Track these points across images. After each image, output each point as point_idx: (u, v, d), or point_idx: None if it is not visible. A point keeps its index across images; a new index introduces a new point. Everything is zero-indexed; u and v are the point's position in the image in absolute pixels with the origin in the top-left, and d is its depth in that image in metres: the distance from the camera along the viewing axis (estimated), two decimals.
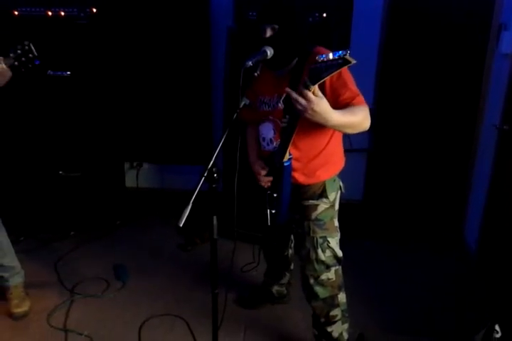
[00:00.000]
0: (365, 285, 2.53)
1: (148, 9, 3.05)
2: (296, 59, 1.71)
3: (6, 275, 2.32)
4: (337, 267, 1.86)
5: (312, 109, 1.40)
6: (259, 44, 1.66)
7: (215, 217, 1.67)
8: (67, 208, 3.06)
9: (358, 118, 1.52)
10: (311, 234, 1.81)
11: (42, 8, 2.81)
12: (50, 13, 2.82)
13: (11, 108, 2.99)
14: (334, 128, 1.55)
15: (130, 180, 3.44)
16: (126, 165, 3.45)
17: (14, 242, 2.41)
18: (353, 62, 1.34)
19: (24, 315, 2.28)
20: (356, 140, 1.99)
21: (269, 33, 1.66)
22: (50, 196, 3.05)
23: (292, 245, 2.16)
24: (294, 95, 1.42)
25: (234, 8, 2.84)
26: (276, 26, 1.65)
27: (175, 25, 3.05)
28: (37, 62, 1.97)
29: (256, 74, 1.68)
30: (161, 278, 2.59)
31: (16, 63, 1.92)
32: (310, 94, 1.40)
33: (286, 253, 2.17)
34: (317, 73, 1.39)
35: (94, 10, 2.82)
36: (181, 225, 1.55)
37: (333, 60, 1.35)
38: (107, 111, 3.04)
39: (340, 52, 1.35)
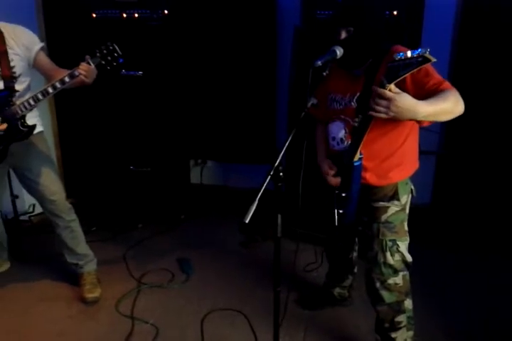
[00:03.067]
0: (433, 294, 2.43)
1: (216, 10, 3.12)
2: (371, 59, 1.68)
3: (80, 262, 2.48)
4: (405, 272, 1.81)
5: (396, 106, 1.37)
6: (332, 45, 1.65)
7: (279, 216, 1.68)
8: (137, 201, 3.20)
9: (449, 104, 1.45)
10: (380, 237, 1.77)
11: (117, 11, 2.95)
12: (124, 15, 2.96)
13: (87, 106, 3.18)
14: (427, 119, 1.49)
15: (195, 177, 3.53)
16: (191, 163, 3.54)
17: (86, 232, 2.57)
18: (433, 60, 1.30)
19: (95, 301, 2.41)
20: (424, 142, 1.94)
21: (343, 35, 1.65)
22: (121, 189, 3.22)
23: (357, 248, 2.13)
24: (376, 95, 1.40)
25: (301, 8, 2.83)
26: (352, 29, 1.63)
27: (242, 25, 3.10)
28: (121, 61, 2.05)
29: (325, 73, 1.68)
30: (224, 274, 2.64)
31: (103, 62, 2.01)
32: (388, 93, 1.37)
33: (350, 256, 2.13)
34: (394, 71, 1.37)
35: (166, 12, 2.92)
36: (247, 221, 1.56)
37: (411, 58, 1.32)
38: (176, 109, 3.15)
39: (420, 50, 1.32)
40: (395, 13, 2.53)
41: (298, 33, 2.70)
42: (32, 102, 2.13)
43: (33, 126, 2.22)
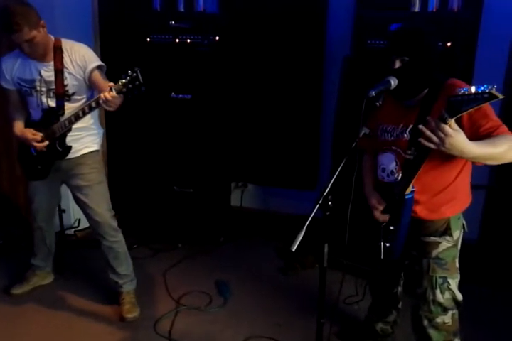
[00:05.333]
0: (480, 336, 2.31)
1: (265, 38, 3.20)
2: (427, 90, 1.67)
3: (120, 281, 2.51)
4: (454, 311, 1.75)
5: (449, 143, 1.36)
6: (385, 74, 1.66)
7: (326, 245, 1.67)
8: (178, 221, 3.24)
9: (501, 150, 1.43)
10: (430, 273, 1.72)
11: (171, 36, 3.05)
12: (177, 41, 3.06)
13: (136, 126, 3.28)
14: (473, 161, 1.48)
15: (235, 200, 3.55)
16: (232, 185, 3.57)
17: (128, 248, 2.58)
18: (500, 97, 1.28)
19: (134, 320, 2.42)
20: (474, 175, 1.89)
21: (398, 64, 1.64)
22: (163, 209, 3.27)
23: (402, 282, 2.07)
24: (431, 128, 1.39)
25: (352, 37, 2.86)
26: (407, 58, 1.63)
27: (290, 52, 3.15)
28: (143, 89, 1.98)
29: (378, 104, 1.67)
30: (262, 299, 2.62)
31: (124, 90, 1.97)
32: (447, 128, 1.36)
33: (395, 291, 2.07)
34: (457, 106, 1.35)
35: (217, 38, 3.01)
36: (293, 250, 1.56)
37: (476, 93, 1.31)
38: (221, 132, 3.21)
39: (485, 86, 1.30)
40: (449, 44, 2.51)
41: (347, 62, 2.72)
42: (67, 123, 2.21)
43: (69, 148, 2.29)
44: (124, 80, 1.95)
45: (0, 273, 2.84)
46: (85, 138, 2.36)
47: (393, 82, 1.63)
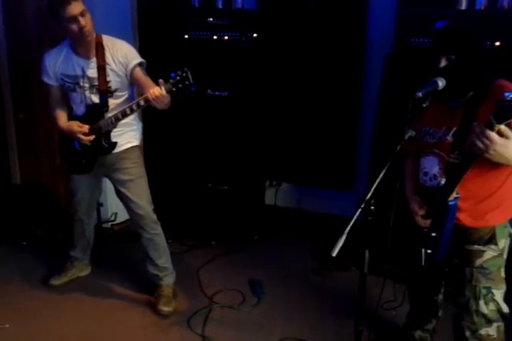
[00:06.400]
0: None
1: (304, 35, 3.17)
2: (472, 92, 1.61)
3: (160, 274, 2.54)
4: (500, 323, 1.69)
5: (494, 150, 1.31)
6: (430, 73, 1.60)
7: (367, 251, 1.64)
8: (212, 218, 3.26)
9: None
10: (473, 283, 1.67)
11: (209, 33, 3.05)
12: (215, 37, 3.06)
13: (172, 123, 3.30)
14: None
15: (269, 198, 3.55)
16: (267, 183, 3.57)
17: None
18: None
19: (169, 314, 2.45)
20: None
21: (443, 63, 1.59)
22: (198, 205, 3.29)
23: (443, 290, 2.01)
24: (476, 133, 1.34)
25: (394, 34, 2.79)
26: (453, 56, 1.57)
27: (330, 50, 3.12)
28: (193, 89, 1.98)
29: (424, 105, 1.62)
30: (295, 300, 2.60)
31: (174, 89, 1.97)
32: (493, 135, 1.30)
33: (435, 298, 2.02)
34: (505, 112, 1.29)
35: (255, 35, 2.99)
36: (334, 255, 1.53)
37: None
38: (257, 130, 3.20)
39: None
40: (497, 44, 2.41)
41: (389, 61, 2.65)
42: (114, 120, 2.23)
43: (114, 144, 2.32)
44: (176, 78, 1.96)
45: (39, 263, 2.94)
46: (127, 134, 2.39)
47: (441, 83, 1.58)
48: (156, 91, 1.99)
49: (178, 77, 1.96)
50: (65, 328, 2.34)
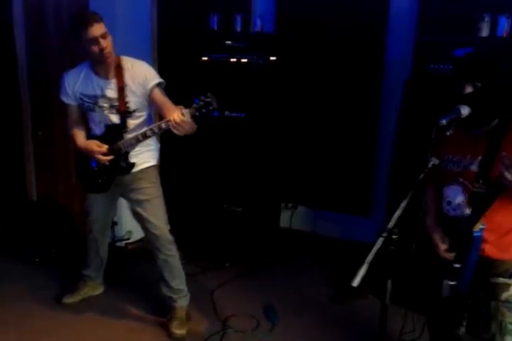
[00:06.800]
0: None
1: (321, 59, 3.20)
2: (497, 120, 1.59)
3: (174, 296, 2.51)
4: None
5: None
6: (453, 100, 1.59)
7: (389, 281, 1.60)
8: (226, 240, 3.23)
9: None
10: (499, 317, 1.61)
11: (227, 55, 3.08)
12: (232, 60, 3.08)
13: (188, 143, 3.29)
14: None
15: (284, 221, 3.51)
16: (282, 206, 3.53)
17: None
18: None
19: (182, 337, 2.41)
20: None
21: (468, 90, 1.57)
22: (212, 226, 3.27)
23: (465, 323, 1.95)
24: (505, 164, 1.32)
25: (412, 60, 2.79)
26: (479, 84, 1.56)
27: (347, 74, 3.13)
28: (216, 114, 1.98)
29: (448, 133, 1.61)
30: (310, 328, 2.54)
31: (197, 114, 1.95)
32: None
33: (456, 331, 1.95)
34: None
35: (272, 58, 3.02)
36: (355, 285, 1.50)
37: None
38: (274, 152, 3.20)
39: None
40: None
41: (408, 87, 2.65)
42: (134, 141, 2.23)
43: (132, 164, 2.33)
44: (200, 103, 1.95)
45: (51, 281, 2.93)
46: (144, 154, 2.39)
47: (464, 111, 1.56)
48: (177, 118, 1.97)
49: (201, 102, 1.96)
50: None
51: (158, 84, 2.26)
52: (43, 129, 3.50)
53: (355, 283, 1.48)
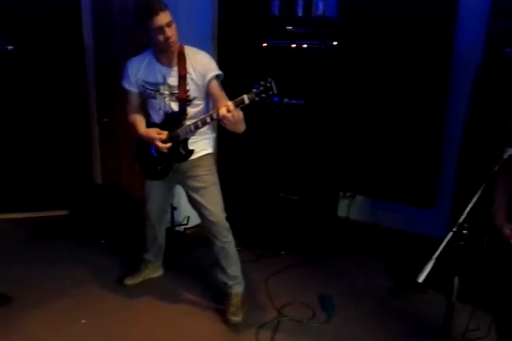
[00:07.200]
0: None
1: (386, 44, 3.06)
2: None
3: (230, 282, 2.54)
4: None
5: None
6: None
7: (456, 278, 1.52)
8: (282, 228, 3.22)
9: None
10: None
11: (287, 41, 3.02)
12: (293, 46, 3.02)
13: (246, 130, 3.31)
14: None
15: (341, 210, 3.45)
16: (340, 195, 3.46)
17: None
18: None
19: (236, 324, 2.44)
20: None
21: None
22: (269, 214, 3.27)
23: None
24: None
25: (485, 45, 2.60)
26: None
27: (413, 60, 2.98)
28: (275, 99, 1.99)
29: None
30: (368, 321, 2.49)
31: (257, 99, 1.98)
32: None
33: None
34: None
35: (335, 43, 2.92)
36: (420, 281, 1.43)
37: None
38: (333, 139, 3.13)
39: None
40: None
41: (480, 74, 2.47)
42: (193, 128, 2.25)
43: (191, 151, 2.35)
44: (260, 88, 1.96)
45: (114, 263, 3.06)
46: (201, 142, 2.42)
47: None
48: (224, 110, 2.02)
49: (261, 87, 1.96)
50: (135, 329, 2.41)
51: (217, 77, 2.28)
52: (108, 116, 3.63)
53: (421, 278, 1.41)
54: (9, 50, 2.29)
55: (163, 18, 2.11)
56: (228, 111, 2.02)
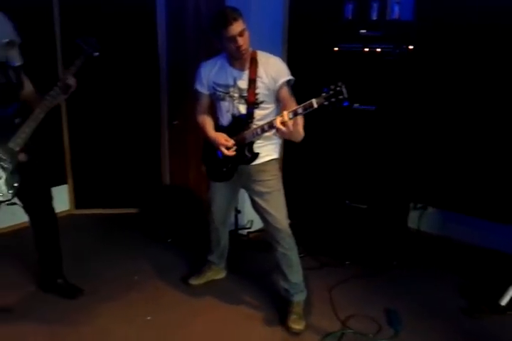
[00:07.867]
0: None
1: (464, 49, 2.91)
2: None
3: (291, 290, 2.51)
4: None
5: None
6: None
7: None
8: (348, 237, 3.14)
9: None
10: None
11: (360, 45, 2.95)
12: (366, 50, 2.94)
13: (315, 135, 3.24)
14: None
15: (411, 221, 3.30)
16: (411, 205, 3.32)
17: None
18: None
19: (298, 333, 2.39)
20: None
21: None
22: (334, 222, 3.20)
23: None
24: None
25: None
26: None
27: (493, 66, 2.81)
28: (345, 104, 1.95)
29: None
30: (438, 340, 2.34)
31: (326, 103, 1.95)
32: None
33: None
34: None
35: (411, 47, 2.81)
36: (503, 304, 1.32)
37: None
38: (404, 147, 3.01)
39: None
40: None
41: None
42: (259, 131, 2.26)
43: (256, 154, 2.35)
44: (329, 92, 1.94)
45: (180, 262, 3.13)
46: (267, 147, 2.41)
47: None
48: (278, 121, 2.04)
49: (331, 92, 1.94)
50: (196, 327, 2.45)
51: (288, 82, 2.28)
52: (178, 119, 3.73)
53: (504, 301, 1.31)
54: (95, 56, 2.39)
55: (236, 27, 2.15)
56: (283, 122, 2.04)
